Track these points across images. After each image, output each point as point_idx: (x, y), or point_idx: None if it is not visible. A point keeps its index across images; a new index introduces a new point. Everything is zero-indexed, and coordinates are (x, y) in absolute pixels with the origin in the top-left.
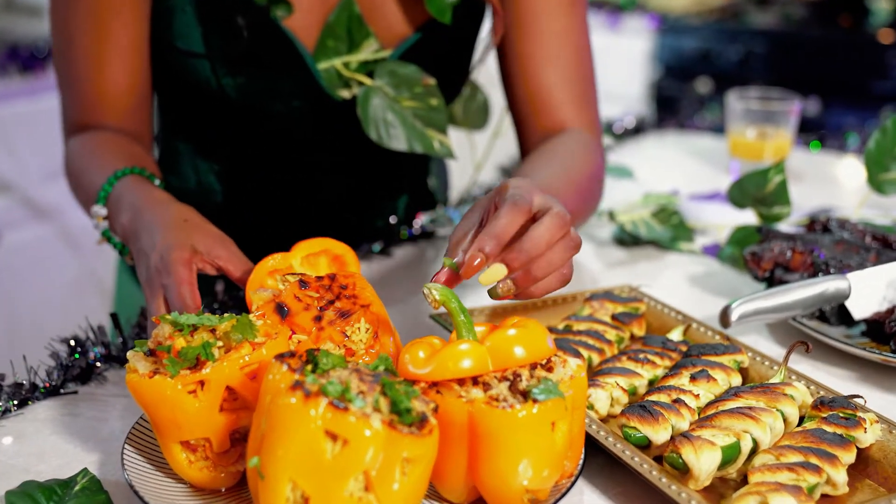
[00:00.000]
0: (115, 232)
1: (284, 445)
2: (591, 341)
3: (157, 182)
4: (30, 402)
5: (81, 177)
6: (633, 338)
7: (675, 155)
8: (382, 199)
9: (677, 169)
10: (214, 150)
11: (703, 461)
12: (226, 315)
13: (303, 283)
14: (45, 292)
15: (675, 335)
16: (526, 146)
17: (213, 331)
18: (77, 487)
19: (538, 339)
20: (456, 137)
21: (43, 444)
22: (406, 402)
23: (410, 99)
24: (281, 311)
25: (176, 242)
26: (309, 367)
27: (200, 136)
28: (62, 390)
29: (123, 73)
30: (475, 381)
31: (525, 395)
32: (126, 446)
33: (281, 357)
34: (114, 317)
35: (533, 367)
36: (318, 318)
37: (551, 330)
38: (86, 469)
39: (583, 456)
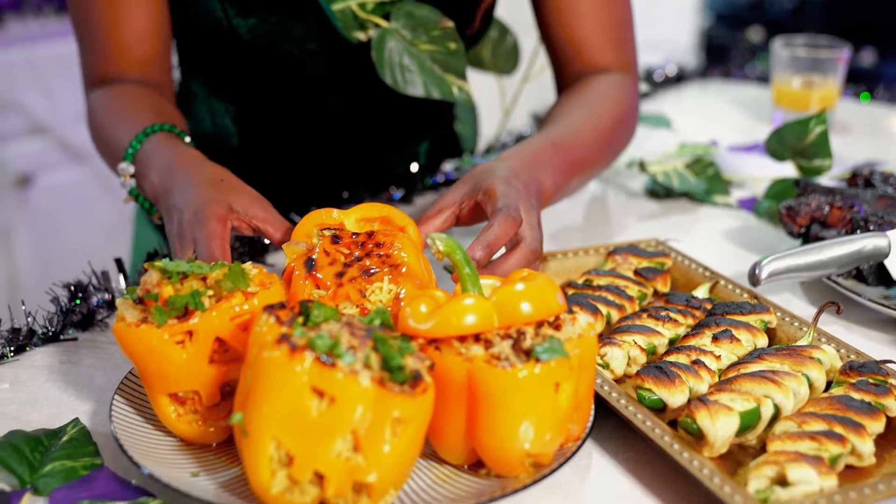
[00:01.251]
0: (142, 190)
1: (268, 401)
2: (610, 297)
3: (188, 140)
4: (27, 349)
5: (106, 132)
6: (656, 294)
7: (716, 104)
8: (402, 145)
9: (718, 119)
10: (229, 92)
11: (719, 427)
12: (218, 263)
13: (335, 238)
14: (78, 235)
15: (701, 292)
16: (562, 87)
17: (204, 279)
18: (65, 438)
19: (547, 294)
20: (484, 82)
21: (37, 392)
22: (398, 359)
23: (428, 42)
24: (308, 264)
25: (212, 198)
26: (300, 320)
27: (215, 78)
28: (61, 336)
29: (142, 19)
30: (477, 338)
31: (528, 354)
32: (116, 397)
33: (270, 308)
34: (118, 262)
35: (540, 324)
36: (340, 274)
37: (570, 285)
38: (77, 419)
39: (591, 418)
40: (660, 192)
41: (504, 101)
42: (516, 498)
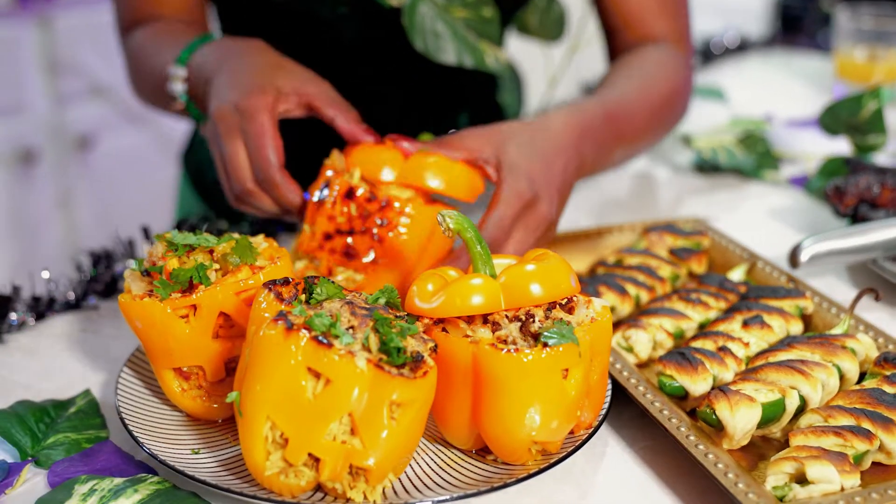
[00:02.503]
0: (194, 99)
1: (263, 381)
2: (641, 277)
3: None
4: (48, 316)
5: (149, 60)
6: (691, 276)
7: (777, 76)
8: (440, 115)
9: (778, 91)
10: None
11: (739, 419)
12: (225, 235)
13: (349, 195)
14: (136, 199)
15: (737, 275)
16: (613, 57)
17: (211, 252)
18: (73, 409)
19: (559, 275)
20: (530, 51)
21: (52, 361)
22: (396, 341)
23: (461, 8)
24: (320, 200)
25: (259, 83)
26: (303, 297)
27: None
28: (82, 305)
29: None
30: (485, 319)
31: (536, 338)
32: (124, 369)
33: (271, 284)
34: (145, 230)
35: (551, 306)
36: (327, 237)
37: (601, 263)
38: (87, 390)
39: (606, 406)
40: (707, 167)
41: (549, 70)
42: (525, 485)
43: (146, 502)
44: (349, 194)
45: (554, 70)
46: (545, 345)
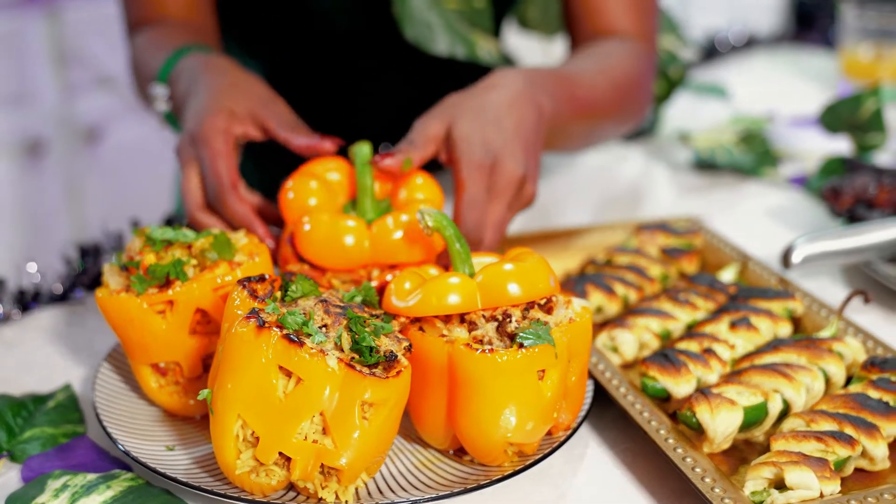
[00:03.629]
0: (175, 111)
1: (234, 379)
2: (630, 277)
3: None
4: (33, 309)
5: (144, 67)
6: (681, 275)
7: (782, 74)
8: (434, 97)
9: (782, 89)
10: (261, 51)
11: (720, 422)
12: (204, 231)
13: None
14: (144, 191)
15: (728, 275)
16: (574, 49)
17: (189, 248)
18: (52, 404)
19: (537, 275)
20: (530, 47)
21: (35, 355)
22: (369, 340)
23: None
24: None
25: (213, 107)
26: (279, 294)
27: (247, 36)
28: (69, 297)
29: None
30: (462, 318)
31: (513, 338)
32: (104, 364)
33: (246, 281)
34: (134, 223)
35: (529, 306)
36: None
37: (592, 262)
38: (68, 385)
39: (587, 407)
40: (705, 165)
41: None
42: (502, 487)
43: (118, 499)
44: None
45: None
46: (521, 345)
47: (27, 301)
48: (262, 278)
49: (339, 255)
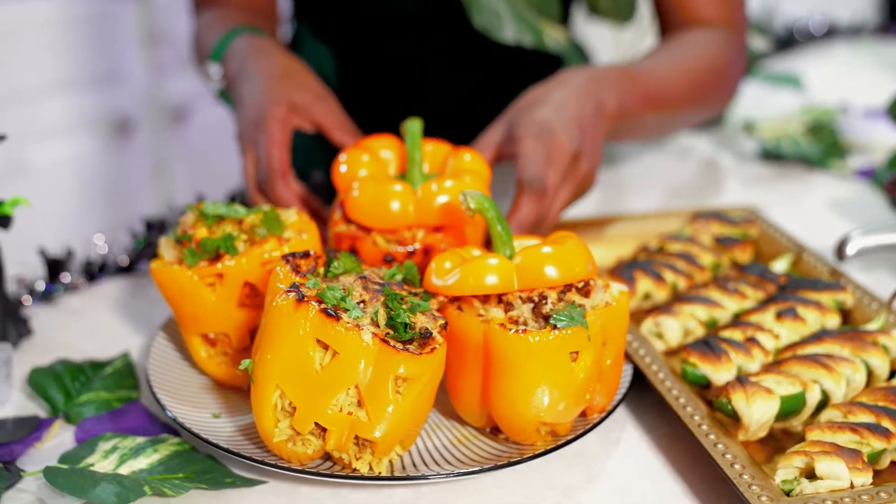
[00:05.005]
0: (229, 90)
1: (273, 350)
2: (680, 265)
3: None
4: (99, 280)
5: (202, 46)
6: (733, 265)
7: (861, 65)
8: (506, 94)
9: (859, 80)
10: (330, 33)
11: (755, 410)
12: (256, 207)
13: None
14: (228, 171)
15: (780, 265)
16: (662, 38)
17: (240, 223)
18: (109, 370)
19: (575, 259)
20: (600, 35)
21: (97, 323)
22: (404, 317)
23: None
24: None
25: (274, 97)
26: (321, 270)
27: (317, 19)
28: (134, 269)
29: None
30: (500, 299)
31: (548, 320)
32: (160, 333)
33: (290, 256)
34: (199, 198)
35: (566, 289)
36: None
37: (644, 249)
38: (126, 353)
39: (624, 391)
40: (771, 156)
41: (620, 54)
42: (534, 465)
43: (164, 462)
44: None
45: (623, 53)
46: (554, 327)
47: (94, 272)
48: (306, 254)
49: (385, 215)
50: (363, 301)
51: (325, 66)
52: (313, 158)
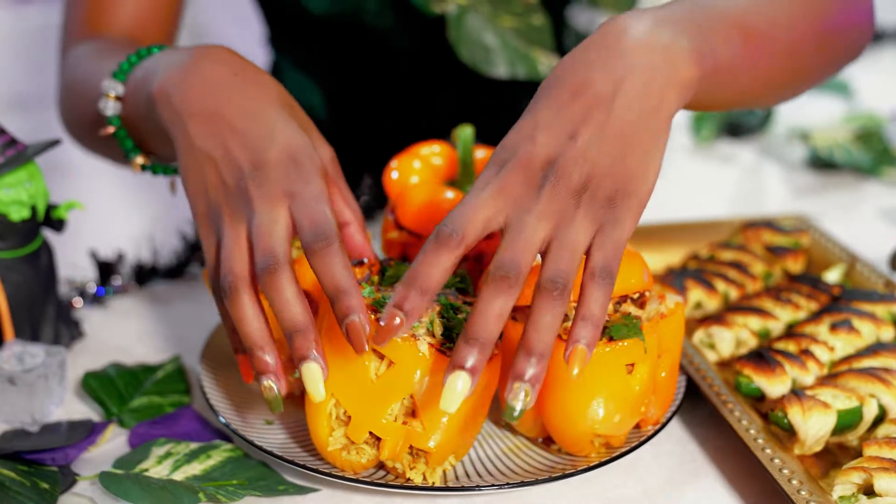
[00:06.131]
0: (128, 121)
1: (329, 359)
2: (732, 274)
3: None
4: (150, 282)
5: (87, 80)
6: (785, 274)
7: None
8: (500, 113)
9: None
10: (313, 65)
11: (812, 424)
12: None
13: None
14: None
15: (833, 275)
16: None
17: None
18: (161, 374)
19: (630, 269)
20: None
21: (148, 326)
22: (460, 327)
23: (510, 17)
24: None
25: (301, 139)
26: (376, 278)
27: (298, 51)
28: (185, 272)
29: None
30: None
31: (603, 331)
32: (212, 338)
33: None
34: None
35: (622, 300)
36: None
37: (695, 257)
38: (178, 357)
39: (678, 402)
40: (821, 164)
41: None
42: (588, 477)
43: (217, 468)
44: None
45: None
46: (610, 339)
47: (144, 274)
48: (360, 262)
49: (437, 221)
50: None
51: (311, 99)
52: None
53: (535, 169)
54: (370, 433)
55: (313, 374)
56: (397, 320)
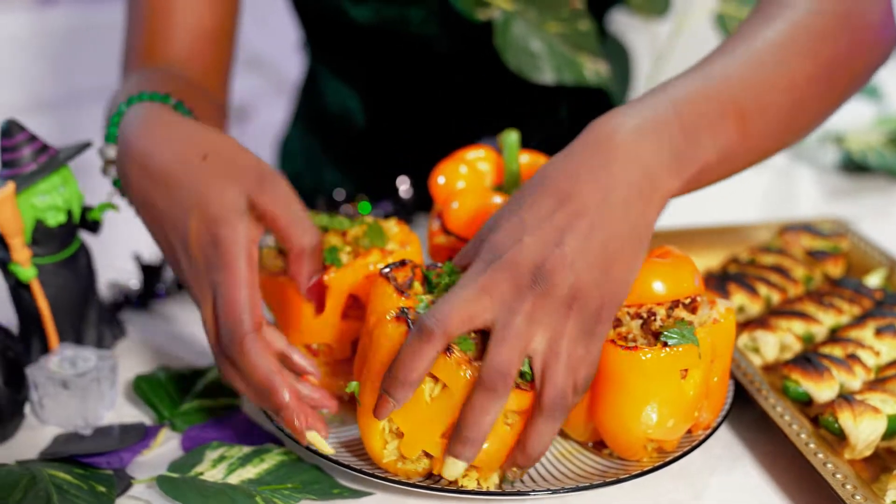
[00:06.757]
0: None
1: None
2: (773, 278)
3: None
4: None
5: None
6: (826, 278)
7: None
8: (540, 109)
9: None
10: (352, 72)
11: (863, 429)
12: (357, 219)
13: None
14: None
15: (874, 280)
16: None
17: (344, 234)
18: (209, 377)
19: (683, 274)
20: (634, 23)
21: (191, 330)
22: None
23: (556, 22)
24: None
25: (225, 198)
26: (423, 297)
27: (338, 59)
28: None
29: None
30: None
31: (657, 337)
32: None
33: (388, 270)
34: None
35: (673, 305)
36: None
37: (735, 261)
38: None
39: (727, 407)
40: (853, 167)
41: (656, 45)
42: (639, 482)
43: (271, 472)
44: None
45: (660, 48)
46: (665, 344)
47: None
48: (402, 263)
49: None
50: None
51: (349, 104)
52: (313, 161)
53: (523, 272)
54: (423, 451)
55: (315, 441)
56: (391, 405)
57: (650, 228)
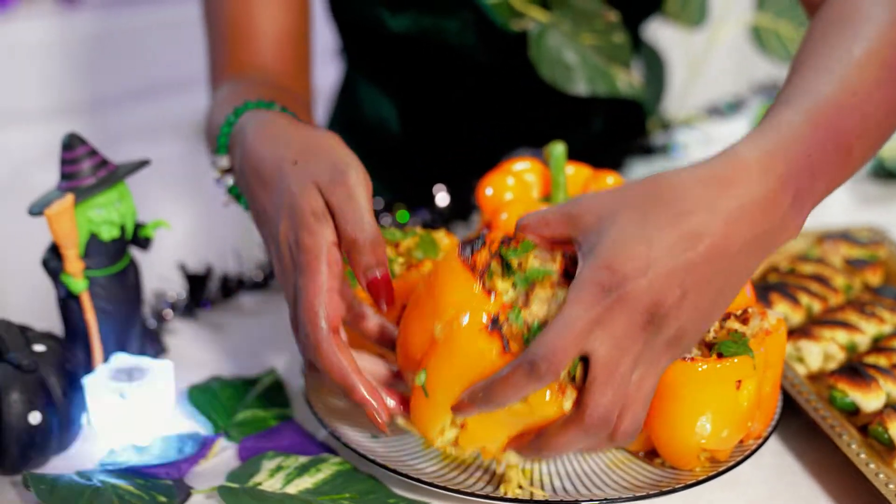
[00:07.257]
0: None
1: (461, 382)
2: (814, 287)
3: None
4: (236, 294)
5: (209, 132)
6: (865, 287)
7: None
8: (574, 118)
9: None
10: (389, 80)
11: None
12: (409, 230)
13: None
14: None
15: None
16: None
17: (396, 246)
18: (260, 387)
19: None
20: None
21: (239, 339)
22: None
23: (591, 34)
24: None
25: (306, 207)
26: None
27: (375, 66)
28: (269, 284)
29: (281, 13)
30: None
31: (711, 348)
32: None
33: (468, 254)
34: None
35: (726, 317)
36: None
37: (775, 269)
38: (273, 369)
39: (777, 417)
40: (885, 173)
41: (691, 53)
42: (691, 491)
43: (328, 481)
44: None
45: (695, 56)
46: (720, 355)
47: (231, 287)
48: (482, 243)
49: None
50: None
51: (384, 112)
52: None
53: (640, 310)
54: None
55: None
56: (473, 412)
57: (753, 273)
